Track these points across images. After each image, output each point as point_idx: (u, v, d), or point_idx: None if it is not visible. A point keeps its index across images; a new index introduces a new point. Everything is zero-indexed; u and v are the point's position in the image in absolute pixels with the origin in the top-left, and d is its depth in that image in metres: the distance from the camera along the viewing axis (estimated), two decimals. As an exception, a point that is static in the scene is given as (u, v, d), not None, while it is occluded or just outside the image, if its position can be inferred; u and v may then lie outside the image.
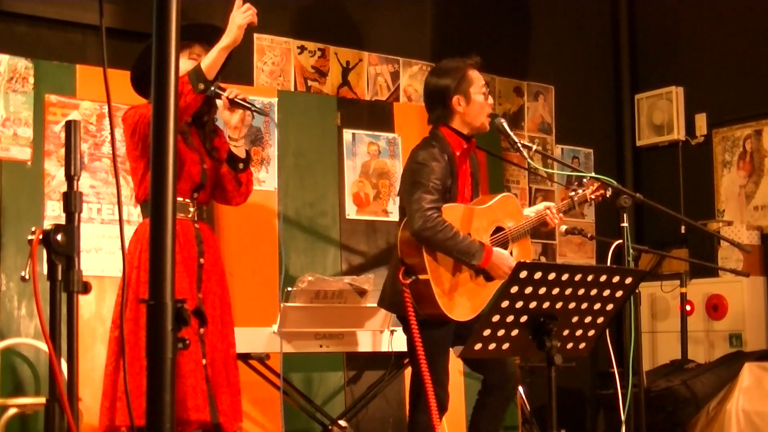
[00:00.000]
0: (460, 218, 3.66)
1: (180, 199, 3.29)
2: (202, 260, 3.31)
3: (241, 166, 3.39)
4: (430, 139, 3.74)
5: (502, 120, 3.83)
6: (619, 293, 2.92)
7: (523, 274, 2.74)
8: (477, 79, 3.75)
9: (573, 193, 3.94)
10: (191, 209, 3.33)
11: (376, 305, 4.33)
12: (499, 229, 3.78)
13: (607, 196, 3.95)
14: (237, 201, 3.50)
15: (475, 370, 3.87)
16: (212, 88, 3.27)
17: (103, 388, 3.26)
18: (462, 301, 3.64)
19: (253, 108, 3.29)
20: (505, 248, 3.75)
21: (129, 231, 4.62)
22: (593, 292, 2.87)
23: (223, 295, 3.37)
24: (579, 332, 2.96)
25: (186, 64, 3.27)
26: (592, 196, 3.97)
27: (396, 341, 4.51)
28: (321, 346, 4.35)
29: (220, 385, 3.23)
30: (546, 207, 3.87)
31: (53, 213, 4.53)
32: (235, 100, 3.27)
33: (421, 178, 3.58)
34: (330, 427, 4.48)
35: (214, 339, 3.27)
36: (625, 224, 3.74)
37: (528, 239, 3.86)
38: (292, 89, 5.55)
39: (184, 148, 3.31)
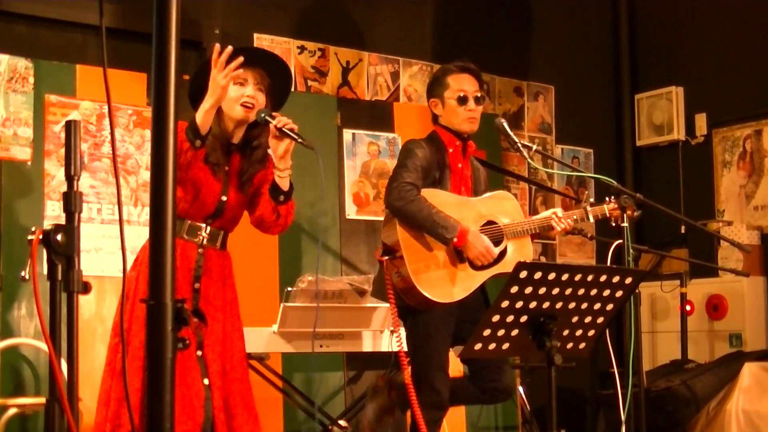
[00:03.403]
0: (445, 203, 3.66)
1: (190, 221, 3.25)
2: (197, 285, 3.24)
3: (281, 198, 3.27)
4: (427, 136, 3.85)
5: (502, 120, 3.84)
6: (619, 293, 2.92)
7: (523, 274, 2.74)
8: (455, 83, 3.82)
9: (586, 203, 3.89)
10: (202, 234, 3.26)
11: (376, 305, 4.33)
12: (491, 223, 3.77)
13: (634, 215, 3.82)
14: (273, 231, 3.38)
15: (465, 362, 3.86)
16: (263, 115, 3.22)
17: (100, 394, 3.26)
18: (442, 282, 3.60)
19: (299, 140, 3.18)
20: (498, 243, 3.72)
21: (129, 231, 4.65)
22: (593, 292, 2.87)
23: (225, 321, 3.28)
24: (579, 332, 2.96)
25: (231, 89, 3.22)
26: (615, 214, 3.84)
27: (396, 341, 4.51)
28: (321, 346, 4.35)
29: (215, 408, 3.17)
30: (553, 212, 3.84)
31: (53, 213, 4.53)
32: (283, 129, 3.18)
33: (403, 160, 3.70)
34: (330, 427, 4.48)
35: (212, 361, 3.20)
36: (625, 224, 3.73)
37: (528, 240, 3.81)
38: (292, 89, 5.53)
39: (208, 178, 3.24)
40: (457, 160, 3.80)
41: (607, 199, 3.90)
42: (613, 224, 3.86)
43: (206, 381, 3.19)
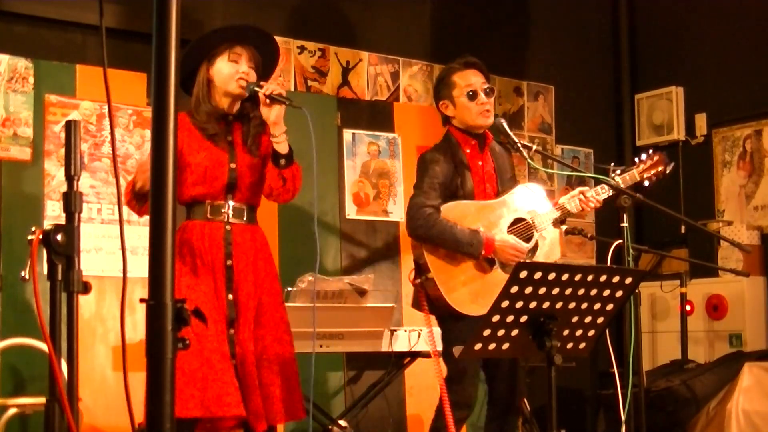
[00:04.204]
0: (468, 213, 3.66)
1: (210, 201, 3.30)
2: (229, 262, 3.27)
3: (282, 162, 3.32)
4: (441, 140, 3.82)
5: (502, 120, 3.83)
6: (619, 293, 2.92)
7: (523, 274, 2.74)
8: (461, 80, 3.78)
9: (615, 174, 3.77)
10: (224, 210, 3.31)
11: (376, 305, 4.33)
12: (520, 220, 3.73)
13: (666, 172, 3.79)
14: (284, 198, 3.43)
15: (488, 381, 3.85)
16: (252, 86, 3.30)
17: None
18: (475, 295, 3.60)
19: (288, 103, 3.27)
20: (530, 239, 3.69)
21: (129, 231, 4.65)
22: (593, 292, 2.87)
23: (260, 295, 3.31)
24: (579, 332, 2.96)
25: (225, 66, 3.32)
26: (646, 175, 3.80)
27: (396, 341, 4.51)
28: (321, 346, 4.35)
29: (249, 386, 3.20)
30: (580, 191, 3.76)
31: (53, 213, 4.53)
32: (272, 95, 3.25)
33: (420, 179, 3.70)
34: (330, 427, 4.48)
35: (244, 340, 3.24)
36: (625, 224, 3.73)
37: (559, 228, 3.76)
38: (292, 89, 5.54)
39: (212, 151, 3.31)
40: (476, 159, 3.77)
41: (636, 160, 3.83)
42: (647, 184, 3.79)
43: (233, 360, 3.22)
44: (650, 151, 3.88)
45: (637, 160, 3.84)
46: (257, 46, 3.41)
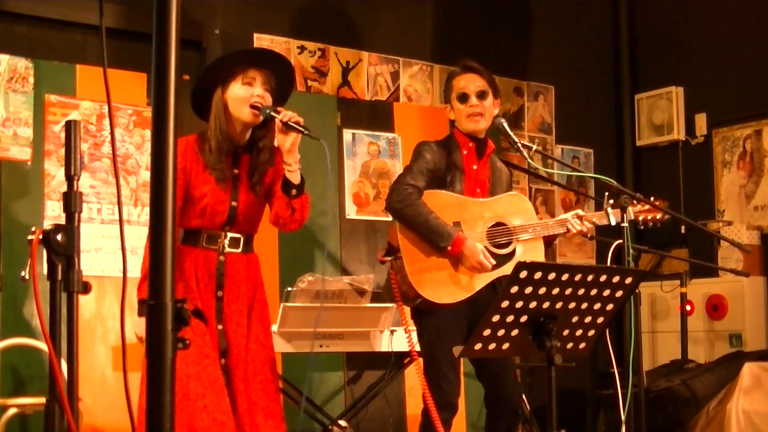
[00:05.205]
0: (449, 205, 3.63)
1: (207, 232, 3.25)
2: (220, 293, 3.23)
3: (293, 192, 3.25)
4: (444, 137, 3.84)
5: (502, 120, 3.82)
6: (619, 293, 2.92)
7: (523, 274, 2.74)
8: (457, 84, 3.80)
9: (607, 204, 3.77)
10: (220, 240, 3.25)
11: (376, 305, 4.32)
12: (501, 224, 3.70)
13: (663, 219, 3.84)
14: (290, 227, 3.35)
15: (479, 378, 3.84)
16: (268, 111, 3.20)
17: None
18: (442, 284, 3.56)
19: (305, 132, 3.19)
20: (507, 245, 3.67)
21: (129, 231, 4.65)
22: (593, 292, 2.87)
23: (250, 325, 3.27)
24: (579, 332, 2.96)
25: (239, 90, 3.23)
26: (641, 217, 3.84)
27: (396, 341, 4.51)
28: (321, 346, 4.35)
29: (240, 413, 3.16)
30: (574, 213, 3.76)
31: (53, 213, 4.53)
32: (289, 123, 3.17)
33: (411, 162, 3.71)
34: (330, 427, 4.48)
35: (236, 368, 3.20)
36: (625, 224, 3.73)
37: (540, 243, 3.71)
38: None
39: (213, 189, 3.23)
40: (471, 162, 3.75)
41: (634, 201, 3.81)
42: (641, 227, 3.83)
43: (227, 389, 3.17)
44: (652, 198, 3.88)
45: (639, 196, 3.83)
46: (272, 71, 3.30)
